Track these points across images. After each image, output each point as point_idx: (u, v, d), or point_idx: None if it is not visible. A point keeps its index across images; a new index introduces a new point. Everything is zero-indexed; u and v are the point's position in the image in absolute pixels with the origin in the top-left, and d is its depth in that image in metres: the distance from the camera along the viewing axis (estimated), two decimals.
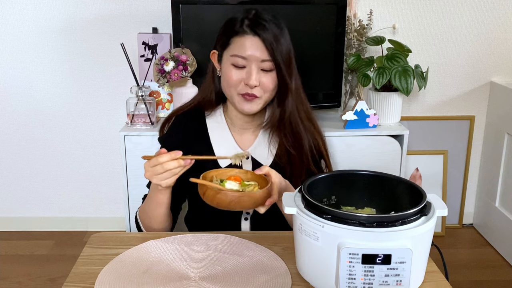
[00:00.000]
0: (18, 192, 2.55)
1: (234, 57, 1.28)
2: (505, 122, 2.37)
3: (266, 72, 1.29)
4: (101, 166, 2.51)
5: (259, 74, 1.29)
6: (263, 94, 1.31)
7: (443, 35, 2.39)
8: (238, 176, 1.19)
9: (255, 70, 1.28)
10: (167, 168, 1.12)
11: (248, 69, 1.28)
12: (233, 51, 1.29)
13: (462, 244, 2.53)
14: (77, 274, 1.04)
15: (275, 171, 1.20)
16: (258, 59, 1.27)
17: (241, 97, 1.31)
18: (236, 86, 1.30)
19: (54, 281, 2.16)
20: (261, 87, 1.30)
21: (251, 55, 1.27)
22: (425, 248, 0.96)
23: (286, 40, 1.30)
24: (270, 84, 1.30)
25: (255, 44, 1.26)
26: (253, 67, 1.28)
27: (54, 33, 2.32)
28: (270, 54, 1.26)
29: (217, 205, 1.10)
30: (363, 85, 2.12)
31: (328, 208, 0.92)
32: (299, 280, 1.02)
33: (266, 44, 1.26)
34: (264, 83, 1.29)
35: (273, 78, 1.30)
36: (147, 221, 1.31)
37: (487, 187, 2.53)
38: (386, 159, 2.07)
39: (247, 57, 1.27)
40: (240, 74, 1.29)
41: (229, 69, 1.30)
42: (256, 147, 1.39)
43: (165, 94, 2.17)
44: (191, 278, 1.02)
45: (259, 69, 1.29)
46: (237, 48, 1.28)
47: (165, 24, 2.25)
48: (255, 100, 1.31)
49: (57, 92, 2.40)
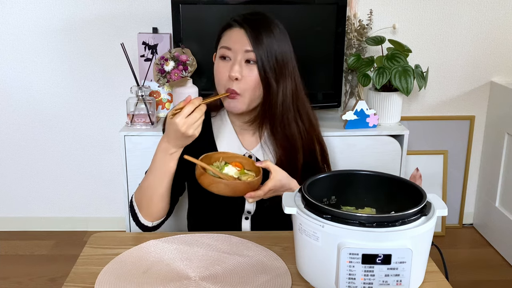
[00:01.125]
0: (18, 192, 2.55)
1: (221, 49, 1.31)
2: (505, 122, 2.37)
3: (251, 65, 1.28)
4: (101, 166, 2.51)
5: (242, 66, 1.28)
6: (244, 90, 1.29)
7: (443, 35, 2.39)
8: (240, 163, 1.23)
9: (238, 61, 1.28)
10: (196, 116, 1.18)
11: (233, 61, 1.29)
12: (221, 43, 1.32)
13: (462, 244, 2.53)
14: (77, 274, 1.04)
15: (280, 168, 1.21)
16: (242, 48, 1.27)
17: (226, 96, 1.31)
18: (222, 80, 1.30)
19: (54, 281, 2.16)
20: (243, 81, 1.28)
21: (235, 44, 1.28)
22: (425, 248, 0.96)
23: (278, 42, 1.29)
24: (252, 79, 1.28)
25: (240, 34, 1.28)
26: (238, 58, 1.28)
27: (54, 33, 2.32)
28: (252, 45, 1.26)
29: (201, 184, 1.17)
30: (363, 85, 2.12)
31: (328, 208, 0.92)
32: (299, 280, 1.02)
33: (250, 36, 1.27)
34: (246, 76, 1.28)
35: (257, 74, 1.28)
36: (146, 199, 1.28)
37: (487, 187, 2.53)
38: (386, 159, 2.07)
39: (231, 47, 1.29)
40: (226, 67, 1.30)
41: (217, 63, 1.32)
42: (260, 147, 1.39)
43: (165, 94, 2.17)
44: (191, 278, 1.02)
45: (243, 60, 1.28)
46: (225, 40, 1.31)
47: (165, 24, 2.25)
48: (237, 98, 1.30)
49: (57, 92, 2.40)
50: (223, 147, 1.38)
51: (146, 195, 1.28)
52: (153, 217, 1.30)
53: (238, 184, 1.15)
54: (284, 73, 1.31)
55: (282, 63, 1.30)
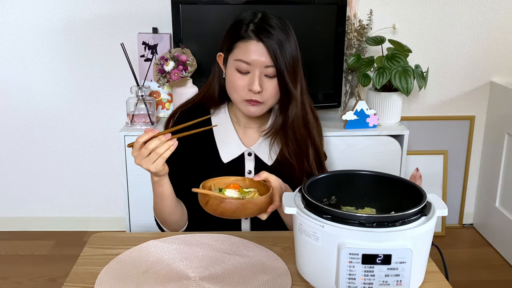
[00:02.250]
0: (18, 192, 2.55)
1: (238, 62, 1.28)
2: (505, 122, 2.37)
3: (270, 78, 1.29)
4: (101, 166, 2.51)
5: (263, 80, 1.28)
6: (266, 100, 1.31)
7: (443, 35, 2.39)
8: (237, 184, 1.18)
9: (258, 76, 1.27)
10: (150, 148, 1.11)
11: (252, 75, 1.28)
12: (237, 55, 1.29)
13: (462, 244, 2.53)
14: (77, 274, 1.04)
15: (274, 175, 1.20)
16: (262, 64, 1.27)
17: (245, 102, 1.31)
18: (240, 92, 1.30)
19: (54, 281, 2.16)
20: (264, 93, 1.29)
21: (255, 60, 1.26)
22: (425, 248, 0.96)
23: (291, 45, 1.29)
24: (273, 90, 1.30)
25: (259, 50, 1.26)
26: (257, 72, 1.27)
27: (54, 33, 2.32)
28: (273, 61, 1.26)
29: (221, 214, 1.08)
30: (363, 85, 2.12)
31: (328, 208, 0.92)
32: (299, 280, 1.02)
33: (270, 51, 1.25)
34: (268, 89, 1.29)
35: (277, 84, 1.30)
36: (161, 217, 1.32)
37: (487, 187, 2.53)
38: (386, 159, 2.07)
39: (251, 63, 1.27)
40: (244, 79, 1.29)
41: (233, 74, 1.30)
42: (260, 145, 1.39)
43: (165, 94, 2.17)
44: (191, 278, 1.02)
45: (263, 74, 1.28)
46: (241, 53, 1.28)
47: (165, 24, 2.25)
48: (259, 105, 1.31)
49: (57, 92, 2.40)
50: (222, 143, 1.38)
51: (159, 214, 1.32)
52: (175, 229, 1.33)
53: (263, 200, 1.10)
54: (299, 73, 1.32)
55: (297, 64, 1.31)
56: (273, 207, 1.15)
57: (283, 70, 1.27)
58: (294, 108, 1.33)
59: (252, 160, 1.37)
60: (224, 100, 1.43)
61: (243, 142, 1.39)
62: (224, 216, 1.08)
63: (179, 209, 1.31)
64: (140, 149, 1.12)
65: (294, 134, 1.36)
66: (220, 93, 1.40)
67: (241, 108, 1.33)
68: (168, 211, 1.29)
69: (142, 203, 2.04)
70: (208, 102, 1.42)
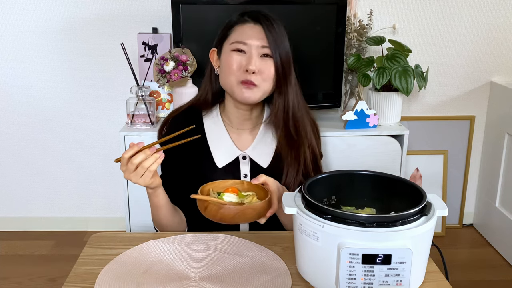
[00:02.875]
0: (18, 192, 2.55)
1: (235, 44, 1.31)
2: (505, 122, 2.37)
3: (266, 59, 1.31)
4: (101, 166, 2.51)
5: (259, 61, 1.30)
6: (261, 82, 1.31)
7: (443, 35, 2.39)
8: (235, 187, 1.18)
9: (255, 55, 1.29)
10: (135, 162, 1.10)
11: (248, 55, 1.30)
12: (233, 38, 1.32)
13: (462, 244, 2.53)
14: (77, 274, 1.04)
15: (272, 178, 1.20)
16: (259, 45, 1.29)
17: (240, 85, 1.31)
18: (236, 72, 1.30)
19: (54, 281, 2.16)
20: (260, 74, 1.30)
21: (252, 40, 1.29)
22: (425, 248, 0.96)
23: (285, 40, 1.32)
24: (269, 72, 1.31)
25: (256, 30, 1.30)
26: (253, 52, 1.29)
27: (54, 33, 2.32)
28: (269, 41, 1.29)
29: (220, 220, 1.08)
30: (363, 85, 2.12)
31: (328, 208, 0.92)
32: (299, 280, 1.02)
33: (266, 32, 1.29)
34: (264, 70, 1.30)
35: (272, 66, 1.31)
36: (159, 225, 1.32)
37: (487, 187, 2.53)
38: (386, 159, 2.07)
39: (248, 43, 1.29)
40: (240, 59, 1.30)
41: (230, 56, 1.31)
42: (254, 147, 1.39)
43: (165, 94, 2.17)
44: (191, 278, 1.02)
45: (259, 55, 1.30)
46: (238, 35, 1.31)
47: (165, 24, 2.25)
48: (253, 89, 1.31)
49: (57, 92, 2.40)
50: (215, 147, 1.38)
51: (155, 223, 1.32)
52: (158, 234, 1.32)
53: (262, 204, 1.10)
54: (291, 68, 1.34)
55: (290, 59, 1.33)
56: (271, 211, 1.15)
57: (279, 52, 1.30)
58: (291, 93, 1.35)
59: (247, 163, 1.37)
60: (216, 103, 1.43)
61: (237, 146, 1.39)
62: (223, 221, 1.08)
63: (177, 217, 1.31)
64: (127, 164, 1.11)
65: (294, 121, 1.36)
66: (213, 94, 1.41)
67: (235, 93, 1.32)
68: (165, 220, 1.28)
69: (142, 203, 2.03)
70: (201, 103, 1.42)
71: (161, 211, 1.26)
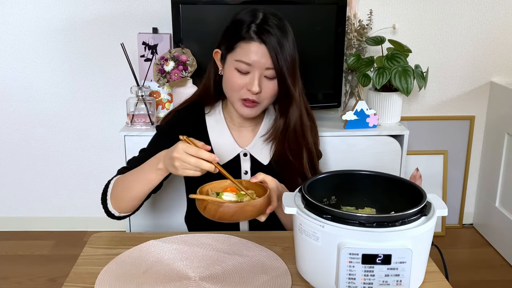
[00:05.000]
0: (18, 192, 2.55)
1: (239, 62, 1.28)
2: (505, 122, 2.37)
3: (269, 79, 1.30)
4: (101, 166, 2.51)
5: (262, 81, 1.29)
6: (263, 100, 1.32)
7: (443, 35, 2.39)
8: (234, 187, 1.18)
9: (258, 77, 1.28)
10: (200, 166, 1.11)
11: (252, 75, 1.28)
12: (238, 56, 1.28)
13: (462, 244, 2.53)
14: (77, 274, 1.05)
15: (271, 176, 1.19)
16: (263, 66, 1.27)
17: (241, 102, 1.31)
18: (238, 91, 1.30)
19: (54, 281, 2.16)
20: (262, 93, 1.30)
21: (256, 61, 1.27)
22: (425, 248, 0.96)
23: (290, 45, 1.28)
24: (271, 91, 1.31)
25: (261, 51, 1.26)
26: (257, 73, 1.28)
27: (54, 33, 2.32)
28: (274, 63, 1.26)
29: (220, 219, 1.08)
30: (363, 85, 2.12)
31: (328, 208, 0.92)
32: (299, 280, 1.02)
33: (271, 53, 1.26)
34: (266, 90, 1.30)
35: (275, 86, 1.30)
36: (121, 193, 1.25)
37: (487, 187, 2.53)
38: (386, 159, 2.07)
39: (252, 64, 1.27)
40: (243, 79, 1.29)
41: (233, 74, 1.30)
42: (254, 145, 1.39)
43: (165, 94, 2.17)
44: (191, 278, 1.02)
45: (262, 76, 1.29)
46: (242, 54, 1.27)
47: (165, 24, 2.25)
48: (255, 107, 1.32)
49: (57, 92, 2.40)
50: (217, 145, 1.38)
51: (120, 190, 1.25)
52: (120, 210, 1.27)
53: (261, 201, 1.10)
54: (297, 72, 1.33)
55: (296, 64, 1.31)
56: (271, 208, 1.14)
57: (284, 72, 1.27)
58: (295, 111, 1.34)
59: (248, 160, 1.38)
60: (219, 98, 1.43)
61: (237, 143, 1.39)
62: (223, 220, 1.08)
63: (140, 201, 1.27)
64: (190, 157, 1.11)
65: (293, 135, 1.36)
66: (215, 90, 1.40)
67: (236, 108, 1.34)
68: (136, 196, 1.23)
69: None
70: (204, 99, 1.42)
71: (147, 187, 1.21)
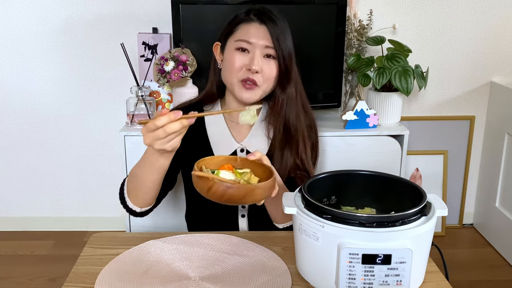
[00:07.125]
0: (18, 192, 2.55)
1: (239, 42, 1.31)
2: (505, 122, 2.37)
3: (268, 60, 1.31)
4: (101, 166, 2.51)
5: (262, 61, 1.31)
6: (263, 83, 1.32)
7: (443, 35, 2.39)
8: (230, 164, 1.08)
9: (258, 56, 1.30)
10: (169, 131, 1.02)
11: (252, 54, 1.30)
12: (238, 36, 1.32)
13: (462, 244, 2.53)
14: (77, 274, 1.04)
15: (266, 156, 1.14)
16: (262, 45, 1.30)
17: (241, 84, 1.32)
18: (238, 71, 1.31)
19: (54, 281, 2.16)
20: (262, 74, 1.31)
21: (256, 40, 1.30)
22: (425, 248, 0.96)
23: (288, 36, 1.33)
24: (271, 72, 1.32)
25: (261, 31, 1.30)
26: (257, 52, 1.30)
27: (54, 33, 2.32)
28: (273, 42, 1.29)
29: (227, 201, 0.96)
30: (363, 85, 2.12)
31: (328, 208, 0.92)
32: (299, 280, 1.02)
33: (271, 33, 1.29)
34: (266, 70, 1.31)
35: (274, 68, 1.32)
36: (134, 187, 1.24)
37: (487, 187, 2.53)
38: (386, 159, 2.07)
39: (252, 42, 1.30)
40: (243, 59, 1.31)
41: (233, 54, 1.32)
42: (250, 138, 1.40)
43: (165, 94, 2.17)
44: (191, 278, 1.02)
45: (263, 55, 1.31)
46: (242, 33, 1.32)
47: (165, 24, 2.25)
48: (254, 89, 1.32)
49: (57, 92, 2.40)
50: (215, 142, 1.39)
51: (134, 184, 1.23)
52: (140, 205, 1.26)
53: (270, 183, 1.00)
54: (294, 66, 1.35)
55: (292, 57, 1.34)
56: (275, 192, 1.07)
57: (283, 52, 1.30)
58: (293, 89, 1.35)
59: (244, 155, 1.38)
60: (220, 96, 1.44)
61: (235, 139, 1.40)
62: (229, 202, 0.97)
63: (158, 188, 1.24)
64: (155, 131, 1.02)
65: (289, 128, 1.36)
66: (217, 87, 1.42)
67: (236, 92, 1.33)
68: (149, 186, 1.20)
69: None
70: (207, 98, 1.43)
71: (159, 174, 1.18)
